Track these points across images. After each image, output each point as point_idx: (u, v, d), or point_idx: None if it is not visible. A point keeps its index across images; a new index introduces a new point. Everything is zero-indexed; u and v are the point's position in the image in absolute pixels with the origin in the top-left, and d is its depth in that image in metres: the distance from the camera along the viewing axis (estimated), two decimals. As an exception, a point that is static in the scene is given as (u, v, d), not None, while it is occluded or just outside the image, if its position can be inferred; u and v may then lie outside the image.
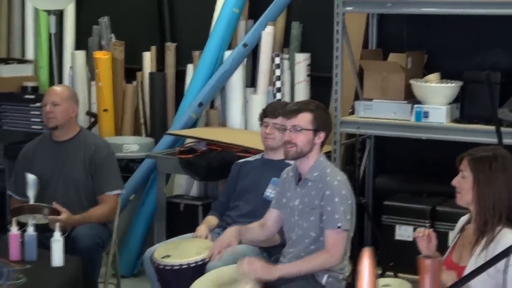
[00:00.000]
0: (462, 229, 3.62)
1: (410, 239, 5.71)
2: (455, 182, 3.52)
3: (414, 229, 5.63)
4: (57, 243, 4.01)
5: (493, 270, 3.25)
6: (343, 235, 3.98)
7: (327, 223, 3.97)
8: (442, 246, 5.55)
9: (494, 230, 3.39)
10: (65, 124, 5.02)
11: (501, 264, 3.24)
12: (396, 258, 5.64)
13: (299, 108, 4.16)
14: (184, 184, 6.55)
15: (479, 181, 3.43)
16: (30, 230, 4.14)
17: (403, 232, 5.73)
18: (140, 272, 6.34)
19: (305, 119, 4.08)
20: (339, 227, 3.95)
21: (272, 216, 4.28)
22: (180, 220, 6.12)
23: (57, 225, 4.29)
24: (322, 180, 4.03)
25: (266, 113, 4.83)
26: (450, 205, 5.72)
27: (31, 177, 4.87)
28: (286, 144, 4.12)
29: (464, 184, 3.48)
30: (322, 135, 4.10)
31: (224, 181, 6.02)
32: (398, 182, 6.21)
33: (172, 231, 5.97)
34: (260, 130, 4.88)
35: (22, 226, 4.41)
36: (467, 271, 3.35)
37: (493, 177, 3.43)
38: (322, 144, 4.14)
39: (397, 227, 5.75)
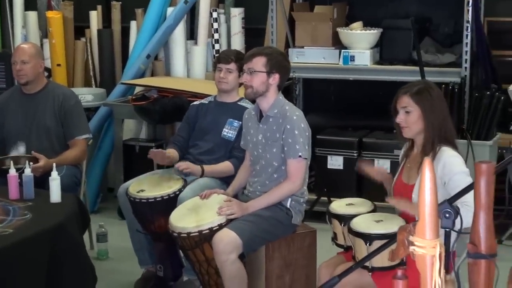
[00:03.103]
0: (407, 155, 3.66)
1: (341, 167, 5.85)
2: (399, 119, 3.46)
3: (344, 159, 5.84)
4: (55, 181, 3.92)
5: (438, 183, 3.35)
6: (303, 163, 4.00)
7: (289, 153, 3.97)
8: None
9: (435, 149, 3.46)
10: (34, 79, 4.89)
11: (445, 178, 3.35)
12: (329, 184, 5.77)
13: (254, 53, 4.11)
14: (133, 129, 6.51)
15: (426, 110, 3.44)
16: (28, 171, 4.05)
17: (334, 162, 5.84)
18: (99, 209, 6.29)
19: (259, 62, 4.03)
20: (300, 156, 3.98)
21: (248, 155, 4.27)
22: (135, 160, 6.08)
23: (54, 166, 4.21)
24: (282, 116, 4.01)
25: (220, 59, 4.76)
26: (374, 136, 5.87)
27: (22, 149, 4.79)
28: (244, 85, 4.12)
29: (410, 118, 3.43)
30: (276, 76, 4.03)
31: (177, 124, 6.02)
32: (325, 119, 6.32)
33: (129, 171, 5.95)
34: (214, 74, 4.84)
35: (2, 172, 4.34)
36: (416, 188, 3.44)
37: (435, 103, 3.47)
38: (280, 84, 4.14)
39: (329, 157, 5.85)
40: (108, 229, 5.29)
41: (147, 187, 4.45)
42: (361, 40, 5.68)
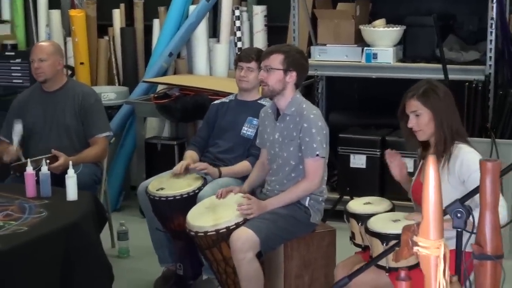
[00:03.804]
0: (423, 156, 3.61)
1: (364, 166, 5.79)
2: (411, 124, 3.42)
3: (367, 158, 5.79)
4: (71, 179, 3.91)
5: (457, 181, 3.31)
6: (321, 162, 3.97)
7: (306, 152, 3.94)
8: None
9: (449, 146, 3.41)
10: (53, 76, 4.89)
11: (463, 176, 3.30)
12: (352, 183, 5.72)
13: (271, 50, 4.08)
14: (156, 127, 6.50)
15: (435, 110, 3.39)
16: (44, 169, 4.05)
17: (357, 161, 5.79)
18: (122, 207, 6.30)
19: (276, 59, 3.99)
20: (317, 155, 3.94)
21: (265, 154, 4.23)
22: (157, 158, 6.08)
23: (70, 163, 4.21)
24: (299, 114, 3.98)
25: (241, 58, 4.73)
26: (398, 135, 5.78)
27: (17, 126, 4.75)
28: (261, 83, 4.10)
29: (421, 121, 3.40)
30: (293, 74, 3.99)
31: (198, 122, 6.01)
32: (348, 117, 6.28)
33: (151, 169, 5.94)
34: (235, 73, 4.81)
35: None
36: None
37: (443, 101, 3.42)
38: (297, 82, 4.09)
39: (352, 156, 5.80)
40: (129, 227, 5.29)
41: (166, 185, 4.44)
42: (384, 38, 5.63)
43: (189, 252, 4.51)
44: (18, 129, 4.76)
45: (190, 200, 4.29)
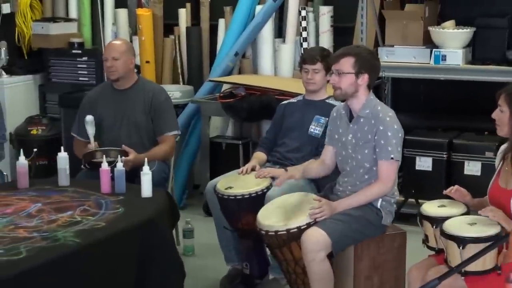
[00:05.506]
0: (505, 157, 3.56)
1: (430, 169, 5.74)
2: (494, 115, 3.44)
3: (433, 160, 5.73)
4: (147, 176, 3.94)
5: None
6: (395, 165, 3.92)
7: (381, 155, 3.89)
8: (459, 174, 5.66)
9: None
10: (125, 75, 4.94)
11: None
12: (417, 186, 5.67)
13: (341, 53, 4.01)
14: (220, 126, 6.53)
15: None
16: (119, 166, 4.08)
17: (423, 163, 5.74)
18: (185, 205, 6.32)
19: (346, 63, 3.94)
20: (392, 158, 3.89)
21: (329, 153, 4.19)
22: (222, 157, 6.10)
23: (146, 160, 4.24)
24: (374, 116, 3.93)
25: (306, 60, 4.70)
26: (465, 138, 5.75)
27: (88, 118, 4.77)
28: (333, 87, 4.06)
29: (502, 117, 3.41)
30: (365, 76, 3.95)
31: (263, 122, 6.03)
32: (414, 119, 6.20)
33: (215, 168, 5.96)
34: (301, 75, 4.79)
35: (92, 166, 4.43)
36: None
37: None
38: (370, 84, 4.03)
39: (417, 158, 5.76)
40: (193, 225, 5.31)
41: (235, 184, 4.45)
42: (453, 39, 5.57)
43: (256, 251, 4.52)
44: (90, 120, 4.78)
45: (259, 199, 4.30)
